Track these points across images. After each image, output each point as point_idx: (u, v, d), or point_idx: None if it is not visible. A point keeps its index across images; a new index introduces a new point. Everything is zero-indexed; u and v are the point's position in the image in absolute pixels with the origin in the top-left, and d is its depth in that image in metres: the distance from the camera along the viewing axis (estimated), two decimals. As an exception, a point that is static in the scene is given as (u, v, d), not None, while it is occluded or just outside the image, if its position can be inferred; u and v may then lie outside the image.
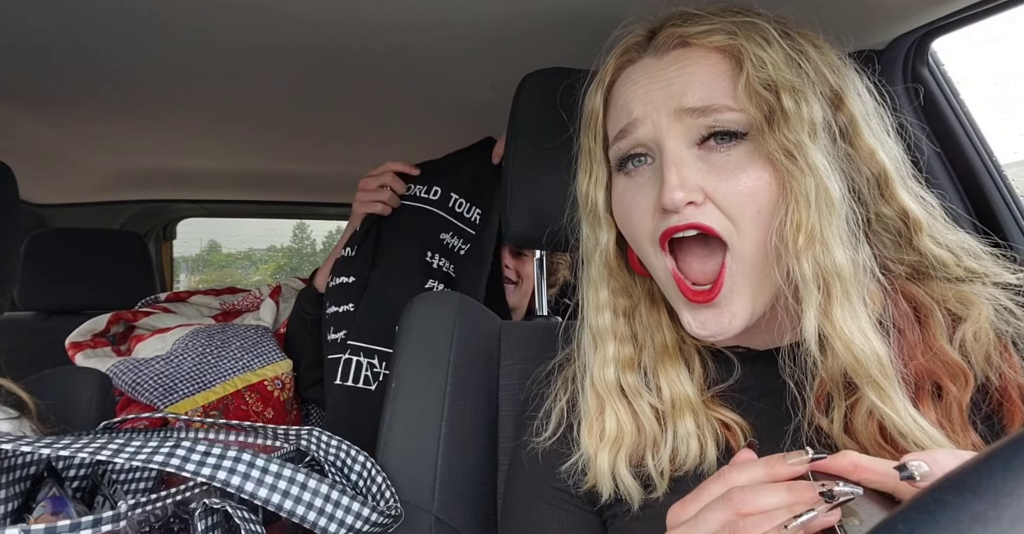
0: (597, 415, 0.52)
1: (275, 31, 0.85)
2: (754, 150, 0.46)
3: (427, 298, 0.75)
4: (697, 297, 0.47)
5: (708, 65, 0.48)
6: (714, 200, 0.46)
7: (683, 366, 0.52)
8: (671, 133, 0.47)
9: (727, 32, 0.47)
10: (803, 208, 0.43)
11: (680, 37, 0.49)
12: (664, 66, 0.49)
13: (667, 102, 0.47)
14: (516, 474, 0.60)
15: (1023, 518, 0.18)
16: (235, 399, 1.03)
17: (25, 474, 0.50)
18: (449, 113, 1.23)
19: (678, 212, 0.46)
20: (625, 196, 0.51)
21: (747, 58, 0.46)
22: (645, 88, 0.49)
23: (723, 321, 0.46)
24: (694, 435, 0.49)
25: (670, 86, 0.48)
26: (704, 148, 0.47)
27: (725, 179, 0.46)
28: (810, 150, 0.44)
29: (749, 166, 0.46)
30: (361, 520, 0.51)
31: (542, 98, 0.74)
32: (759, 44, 0.46)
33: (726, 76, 0.47)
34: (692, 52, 0.49)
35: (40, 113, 1.20)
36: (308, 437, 0.63)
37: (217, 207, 2.11)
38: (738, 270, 0.46)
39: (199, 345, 1.07)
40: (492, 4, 0.76)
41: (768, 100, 0.45)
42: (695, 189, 0.45)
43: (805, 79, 0.46)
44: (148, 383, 0.98)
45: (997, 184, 0.79)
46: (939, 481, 0.20)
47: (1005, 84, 0.89)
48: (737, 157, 0.46)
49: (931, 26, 0.75)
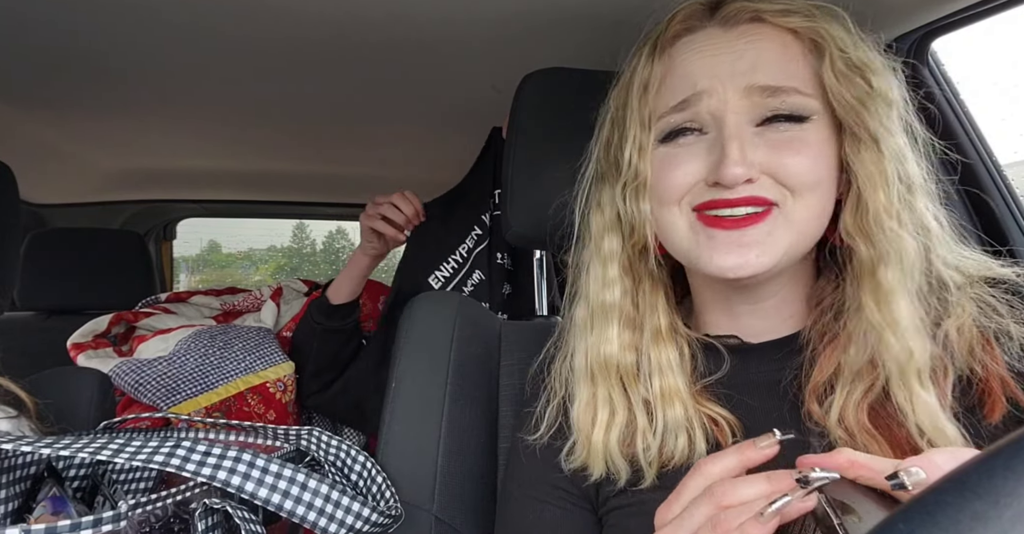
0: (589, 399, 0.52)
1: (275, 30, 0.85)
2: (822, 129, 0.46)
3: (427, 298, 0.75)
4: (732, 225, 0.45)
5: (781, 44, 0.46)
6: (773, 175, 0.45)
7: (676, 352, 0.52)
8: (736, 108, 0.46)
9: (805, 14, 0.46)
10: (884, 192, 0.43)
11: (754, 11, 0.47)
12: (733, 38, 0.47)
13: (735, 76, 0.46)
14: (512, 473, 0.61)
15: (1023, 518, 0.18)
16: (237, 400, 1.03)
17: (25, 474, 0.50)
18: (450, 113, 1.23)
19: (731, 189, 0.45)
20: (668, 163, 0.49)
21: (831, 40, 0.45)
22: (711, 59, 0.47)
23: (751, 255, 0.45)
24: (683, 427, 0.48)
25: (740, 59, 0.46)
26: (763, 126, 0.46)
27: (784, 152, 0.45)
28: (896, 133, 0.44)
29: (810, 143, 0.45)
30: (361, 520, 0.51)
31: (542, 98, 0.74)
32: (841, 28, 0.46)
33: (799, 59, 0.46)
34: (765, 29, 0.47)
35: (40, 113, 1.20)
36: (308, 437, 0.63)
37: (217, 207, 2.11)
38: (783, 224, 0.45)
39: (201, 346, 1.07)
40: (493, 3, 0.76)
41: (856, 82, 0.44)
42: (753, 165, 0.44)
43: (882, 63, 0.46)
44: (151, 384, 0.98)
45: (997, 184, 0.79)
46: (939, 481, 0.20)
47: (1005, 84, 0.89)
48: (799, 133, 0.45)
49: (931, 26, 0.75)
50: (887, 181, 0.44)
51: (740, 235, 0.45)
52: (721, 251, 0.46)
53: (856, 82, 0.45)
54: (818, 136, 0.46)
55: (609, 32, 0.84)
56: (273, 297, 1.27)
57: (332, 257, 5.08)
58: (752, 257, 0.45)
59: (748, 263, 0.45)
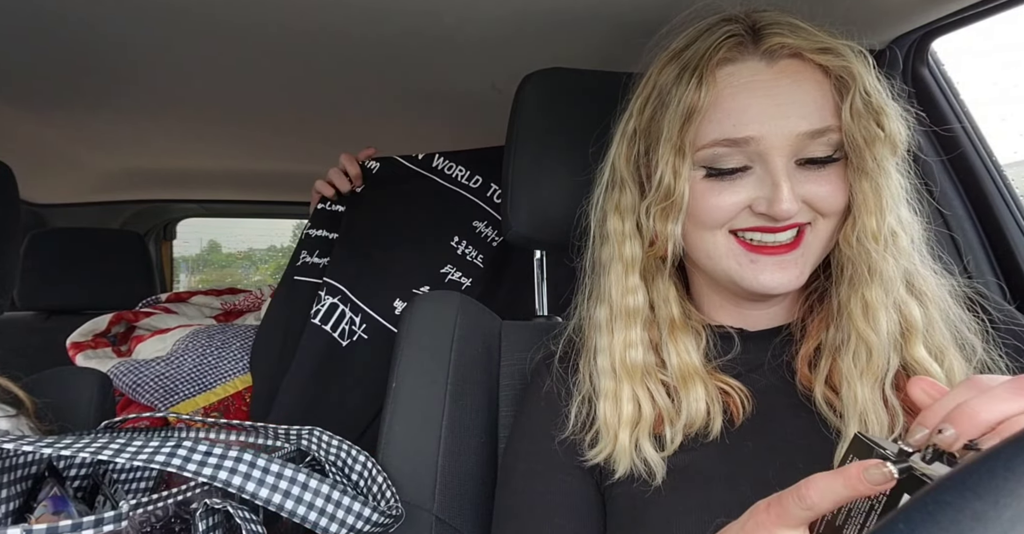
0: (615, 396, 0.55)
1: (275, 30, 0.85)
2: (842, 164, 0.52)
3: (427, 298, 0.75)
4: (773, 251, 0.52)
5: (817, 83, 0.51)
6: (810, 203, 0.51)
7: (691, 337, 0.57)
8: (782, 152, 0.50)
9: (836, 53, 0.50)
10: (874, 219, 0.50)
11: (794, 48, 0.50)
12: (775, 73, 0.51)
13: (786, 122, 0.49)
14: (515, 449, 0.61)
15: (1023, 518, 0.18)
16: (235, 400, 1.03)
17: (26, 474, 0.50)
18: (450, 112, 1.23)
19: (777, 219, 0.50)
20: (713, 191, 0.52)
21: (859, 82, 0.49)
22: (762, 101, 0.50)
23: (791, 275, 0.52)
24: (703, 399, 0.53)
25: (789, 105, 0.50)
26: (802, 164, 0.52)
27: (820, 186, 0.51)
28: (892, 170, 0.50)
29: (838, 177, 0.52)
30: (362, 520, 0.51)
31: (543, 98, 0.74)
32: (866, 67, 0.50)
33: (830, 96, 0.51)
34: (803, 66, 0.51)
35: (40, 113, 1.20)
36: (309, 437, 0.63)
37: (217, 207, 2.11)
38: (813, 242, 0.53)
39: (199, 346, 1.06)
40: (493, 3, 0.76)
41: (870, 123, 0.49)
42: (799, 198, 0.50)
43: (889, 102, 0.51)
44: (149, 385, 0.98)
45: (997, 184, 0.79)
46: (939, 481, 0.20)
47: (1005, 84, 0.89)
48: (829, 170, 0.52)
49: (931, 26, 0.75)
50: (880, 210, 0.50)
51: (780, 260, 0.52)
52: (766, 273, 0.52)
53: (869, 124, 0.49)
54: (842, 168, 0.52)
55: (610, 32, 0.84)
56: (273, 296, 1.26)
57: (332, 257, 5.06)
58: (793, 277, 0.52)
59: (790, 282, 0.52)
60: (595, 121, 0.69)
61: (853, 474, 0.30)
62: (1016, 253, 0.77)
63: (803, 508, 0.31)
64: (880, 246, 0.50)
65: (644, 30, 0.84)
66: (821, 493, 0.30)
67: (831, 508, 0.31)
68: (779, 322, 0.59)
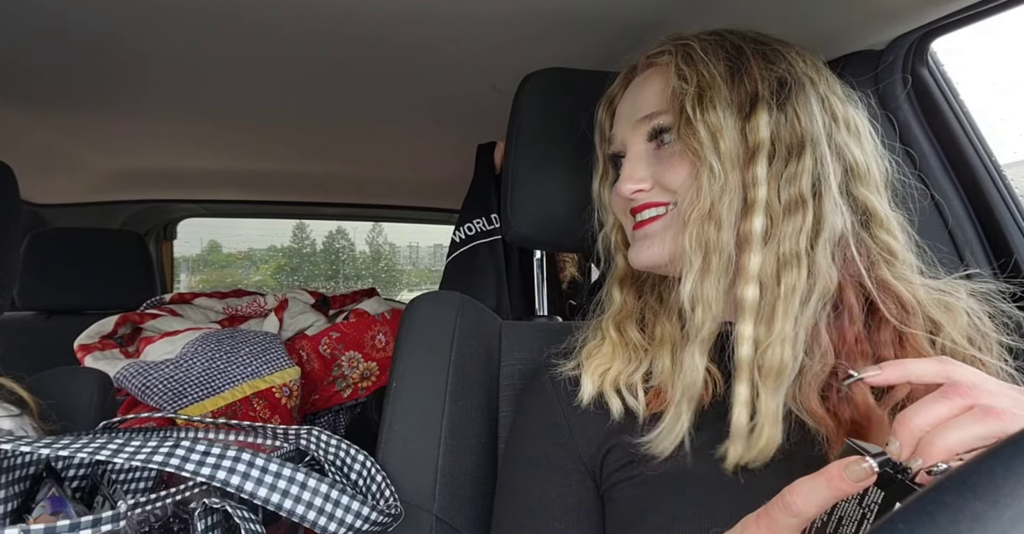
0: (597, 343, 0.61)
1: (275, 30, 0.85)
2: (680, 146, 0.55)
3: (427, 298, 0.75)
4: (638, 226, 0.58)
5: (658, 79, 0.58)
6: (661, 184, 0.56)
7: (679, 318, 0.58)
8: (631, 140, 0.59)
9: (668, 52, 0.58)
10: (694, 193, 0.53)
11: (648, 59, 0.61)
12: (638, 83, 0.61)
13: (630, 116, 0.59)
14: (515, 452, 0.62)
15: (1023, 518, 0.18)
16: (243, 405, 1.03)
17: (24, 474, 0.50)
18: (450, 112, 1.23)
19: (632, 199, 0.57)
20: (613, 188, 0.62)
21: (672, 70, 0.55)
22: (621, 106, 0.62)
23: (650, 249, 0.57)
24: (668, 365, 0.56)
25: (633, 103, 0.60)
26: (654, 144, 0.58)
27: (666, 168, 0.56)
28: (706, 148, 0.52)
29: (680, 157, 0.55)
30: (361, 519, 0.51)
31: (543, 98, 0.74)
32: (683, 59, 0.56)
33: (666, 87, 0.57)
34: (654, 71, 0.60)
35: (40, 113, 1.21)
36: (308, 437, 0.63)
37: (217, 207, 2.11)
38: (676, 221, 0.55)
39: (209, 350, 1.07)
40: (493, 3, 0.76)
41: (682, 104, 0.54)
42: (644, 179, 0.57)
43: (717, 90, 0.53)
44: (158, 387, 0.98)
45: (997, 184, 0.79)
46: (939, 481, 0.20)
47: (1005, 84, 0.89)
48: (672, 150, 0.56)
49: (931, 26, 0.75)
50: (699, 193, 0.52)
51: (644, 233, 0.57)
52: (635, 249, 0.58)
53: (680, 105, 0.54)
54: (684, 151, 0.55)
55: (610, 33, 0.84)
56: (277, 311, 1.26)
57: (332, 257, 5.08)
58: (650, 250, 0.56)
59: (650, 257, 0.56)
60: (595, 121, 0.69)
61: (835, 473, 0.30)
62: (1016, 253, 0.77)
63: (790, 515, 0.31)
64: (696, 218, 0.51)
65: (644, 30, 0.84)
66: (806, 497, 0.30)
67: (818, 511, 0.31)
68: None
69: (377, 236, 5.51)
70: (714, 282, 0.51)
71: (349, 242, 5.22)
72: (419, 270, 5.50)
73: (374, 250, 5.39)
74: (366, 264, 5.50)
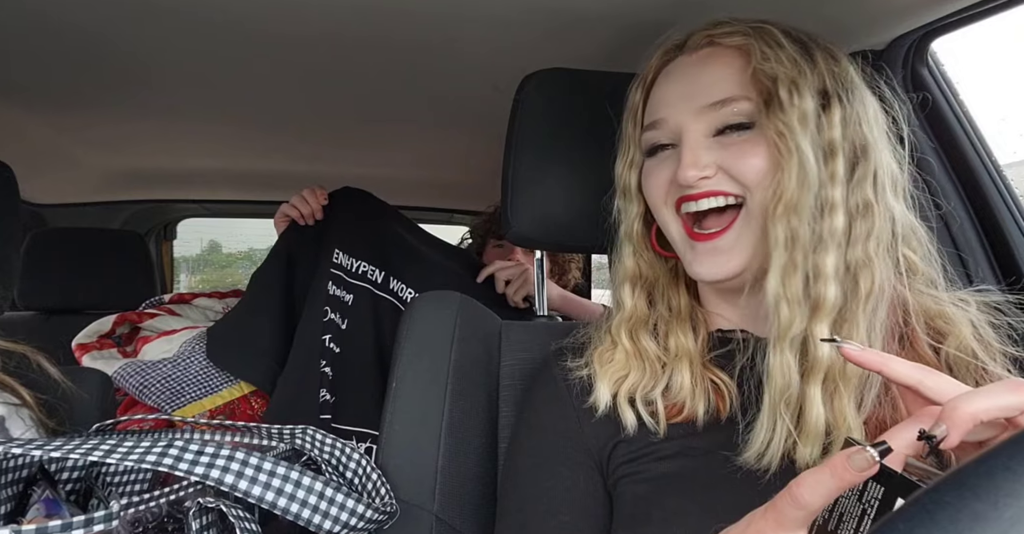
0: (609, 350, 0.59)
1: (275, 30, 0.85)
2: (759, 133, 0.53)
3: (427, 298, 0.75)
4: (702, 237, 0.54)
5: (728, 62, 0.55)
6: (728, 171, 0.53)
7: (691, 329, 0.58)
8: (690, 127, 0.55)
9: (743, 33, 0.55)
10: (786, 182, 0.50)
11: (708, 37, 0.56)
12: (692, 63, 0.57)
13: (690, 100, 0.55)
14: (521, 448, 0.61)
15: (1023, 518, 0.18)
16: (241, 404, 1.03)
17: (17, 477, 0.50)
18: (450, 112, 1.23)
19: (692, 186, 0.53)
20: (649, 171, 0.59)
21: (754, 53, 0.53)
22: (673, 86, 0.57)
23: (721, 262, 0.54)
24: (687, 377, 0.54)
25: (694, 84, 0.55)
26: (719, 135, 0.54)
27: (737, 155, 0.53)
28: (797, 134, 0.50)
29: (757, 145, 0.52)
30: (356, 517, 0.51)
31: (543, 98, 0.74)
32: (767, 43, 0.53)
33: (740, 70, 0.54)
34: (717, 50, 0.56)
35: (40, 113, 1.20)
36: (303, 436, 0.63)
37: (217, 207, 2.11)
38: (746, 226, 0.53)
39: (206, 348, 1.06)
40: (494, 3, 0.76)
41: (769, 89, 0.51)
42: (708, 165, 0.53)
43: (804, 77, 0.51)
44: (155, 386, 0.98)
45: (997, 184, 0.79)
46: (938, 481, 0.20)
47: (1005, 84, 0.89)
48: (746, 138, 0.53)
49: (931, 26, 0.75)
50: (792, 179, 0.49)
51: (713, 246, 0.54)
52: (699, 260, 0.55)
53: (767, 89, 0.52)
54: (761, 140, 0.52)
55: (610, 33, 0.84)
56: None
57: (332, 257, 5.07)
58: (722, 263, 0.53)
59: (721, 270, 0.53)
60: (596, 121, 0.69)
61: (838, 463, 0.30)
62: (1016, 254, 0.77)
63: (797, 508, 0.31)
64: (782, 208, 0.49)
65: (644, 30, 0.84)
66: (811, 489, 0.31)
67: (824, 503, 0.31)
68: None
69: (377, 236, 5.49)
70: (800, 279, 0.48)
71: (349, 242, 5.20)
72: (419, 271, 5.48)
73: (374, 250, 5.37)
74: (366, 264, 5.49)
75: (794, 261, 0.49)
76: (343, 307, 1.03)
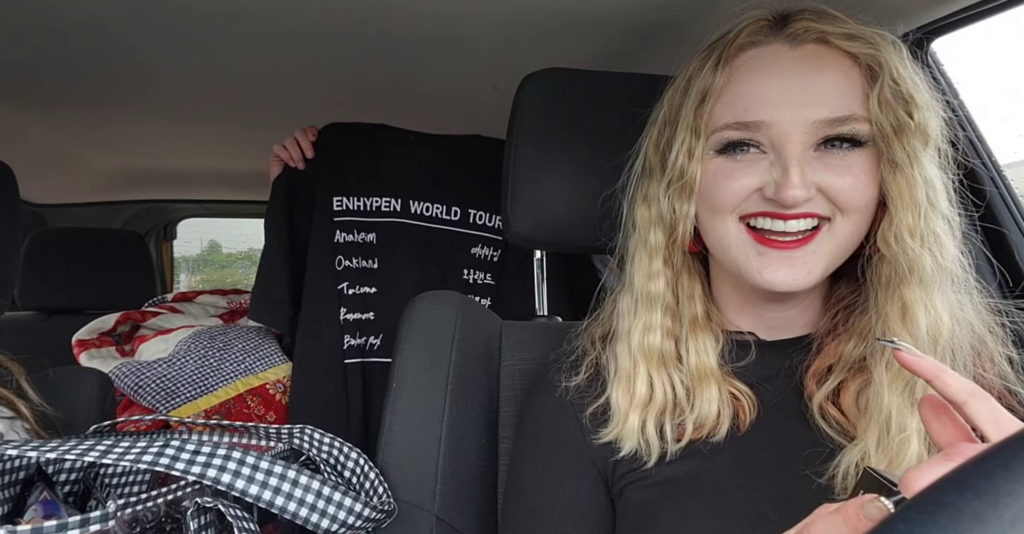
0: (628, 377, 0.55)
1: (275, 30, 0.85)
2: (871, 155, 0.49)
3: (428, 298, 0.75)
4: (782, 246, 0.49)
5: (843, 70, 0.48)
6: (826, 193, 0.48)
7: (711, 338, 0.55)
8: (798, 139, 0.48)
9: (867, 40, 0.48)
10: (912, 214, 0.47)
11: (821, 33, 0.49)
12: (798, 59, 0.49)
13: (801, 108, 0.48)
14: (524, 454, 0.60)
15: (1023, 518, 0.18)
16: (237, 403, 1.02)
17: (15, 478, 0.50)
18: (450, 113, 1.23)
19: (787, 205, 0.48)
20: (723, 172, 0.51)
21: (887, 70, 0.47)
22: (777, 84, 0.49)
23: (799, 274, 0.49)
24: (715, 401, 0.52)
25: (805, 89, 0.48)
26: (820, 150, 0.49)
27: (840, 175, 0.48)
28: (925, 162, 0.47)
29: (864, 168, 0.48)
30: (353, 516, 0.51)
31: (543, 98, 0.74)
32: (898, 57, 0.48)
33: (858, 84, 0.48)
34: (828, 52, 0.49)
35: (40, 113, 1.21)
36: (301, 435, 0.63)
37: (217, 207, 2.11)
38: (828, 241, 0.49)
39: (201, 348, 1.06)
40: (494, 3, 0.76)
41: (899, 113, 0.47)
42: (812, 185, 0.48)
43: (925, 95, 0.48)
44: (150, 386, 0.98)
45: (997, 184, 0.79)
46: (938, 481, 0.20)
47: (1005, 84, 0.89)
48: (854, 159, 0.49)
49: (931, 26, 0.75)
50: (916, 204, 0.47)
51: (789, 255, 0.49)
52: (772, 268, 0.49)
53: (899, 113, 0.47)
54: (869, 160, 0.49)
55: (610, 33, 0.84)
56: None
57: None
58: (800, 275, 0.49)
59: (796, 280, 0.49)
60: (595, 121, 0.69)
61: (851, 512, 0.29)
62: (1016, 254, 0.77)
63: None
64: (917, 243, 0.47)
65: (645, 30, 0.84)
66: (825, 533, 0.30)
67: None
68: (801, 332, 0.56)
69: (377, 237, 5.49)
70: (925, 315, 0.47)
71: (349, 243, 5.19)
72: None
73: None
74: (366, 265, 5.49)
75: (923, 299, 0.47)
76: (365, 249, 1.05)
